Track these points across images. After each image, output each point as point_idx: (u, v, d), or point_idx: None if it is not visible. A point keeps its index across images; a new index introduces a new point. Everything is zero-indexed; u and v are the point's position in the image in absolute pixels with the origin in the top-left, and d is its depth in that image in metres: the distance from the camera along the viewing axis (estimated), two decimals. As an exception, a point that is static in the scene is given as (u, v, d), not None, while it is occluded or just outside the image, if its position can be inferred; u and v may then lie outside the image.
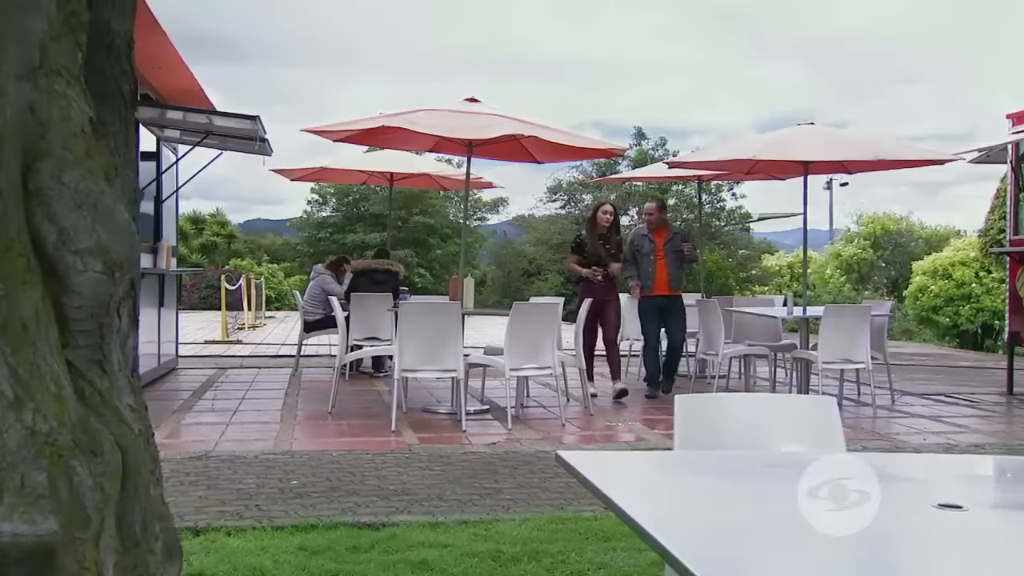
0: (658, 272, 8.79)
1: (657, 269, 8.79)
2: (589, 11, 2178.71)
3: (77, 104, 1.52)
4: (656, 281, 8.79)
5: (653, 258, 8.81)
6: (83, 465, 1.40)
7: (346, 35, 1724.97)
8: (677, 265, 8.86)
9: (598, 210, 8.98)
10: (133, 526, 1.52)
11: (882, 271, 25.83)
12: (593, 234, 8.82)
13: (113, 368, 1.57)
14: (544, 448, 6.30)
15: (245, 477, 5.30)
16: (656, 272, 8.79)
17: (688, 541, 1.57)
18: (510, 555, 3.99)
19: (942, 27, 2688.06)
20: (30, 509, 1.31)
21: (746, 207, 29.88)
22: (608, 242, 8.81)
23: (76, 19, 1.53)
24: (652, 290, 8.81)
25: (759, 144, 8.46)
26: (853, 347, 7.97)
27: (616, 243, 8.87)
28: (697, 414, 2.61)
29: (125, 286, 1.56)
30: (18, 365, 1.35)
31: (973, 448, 6.65)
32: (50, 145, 1.47)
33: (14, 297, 1.38)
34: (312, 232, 33.75)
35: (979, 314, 17.74)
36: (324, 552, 4.00)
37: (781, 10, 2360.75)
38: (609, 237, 8.84)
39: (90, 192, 1.49)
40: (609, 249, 8.75)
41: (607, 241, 8.80)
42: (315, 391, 8.94)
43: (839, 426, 2.56)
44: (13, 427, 1.33)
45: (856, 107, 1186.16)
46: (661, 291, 8.79)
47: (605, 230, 8.79)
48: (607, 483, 1.83)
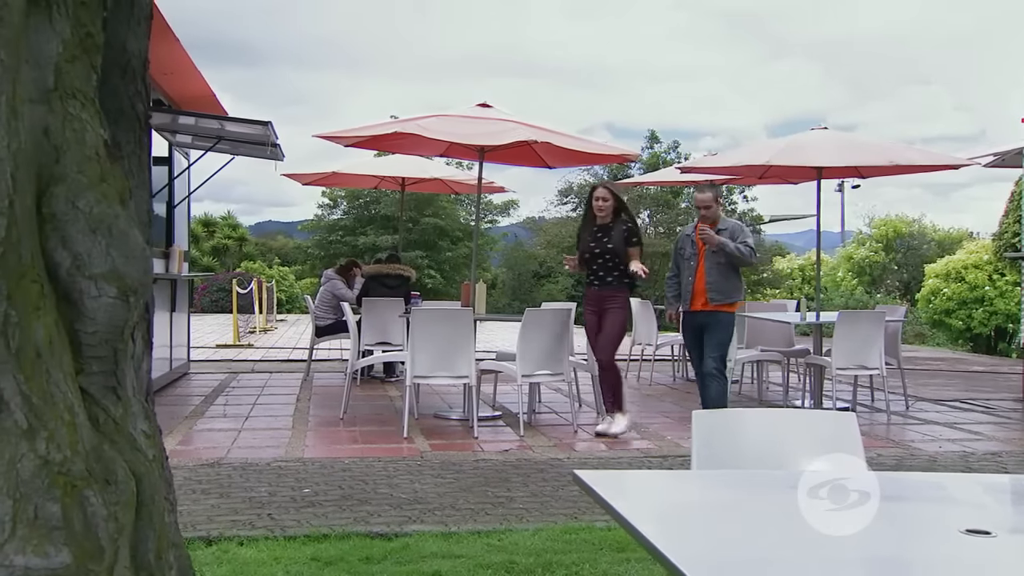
0: (697, 281, 7.11)
1: (696, 279, 7.11)
2: (601, 14, 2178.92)
3: (92, 127, 1.50)
4: (694, 293, 7.13)
5: (694, 264, 7.15)
6: (97, 495, 1.38)
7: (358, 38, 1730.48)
8: (721, 272, 7.03)
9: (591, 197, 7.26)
10: (147, 555, 1.50)
11: (894, 274, 25.71)
12: (587, 225, 7.24)
13: (127, 394, 1.55)
14: (557, 455, 6.27)
15: (257, 485, 5.29)
16: (695, 282, 7.12)
17: (706, 566, 1.54)
18: (523, 566, 3.96)
19: (954, 29, 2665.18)
20: (43, 541, 1.29)
21: (758, 210, 29.77)
22: (608, 233, 7.01)
23: (91, 41, 1.51)
24: (690, 304, 7.17)
25: (773, 149, 8.42)
26: (867, 353, 7.91)
27: (623, 233, 6.99)
28: (715, 430, 2.58)
29: (139, 310, 1.54)
30: (31, 393, 1.33)
31: (990, 456, 6.59)
32: (64, 169, 1.45)
33: (28, 323, 1.36)
34: (323, 235, 33.78)
35: (992, 317, 17.63)
36: (337, 563, 3.98)
37: (793, 12, 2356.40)
38: (611, 227, 7.02)
39: (104, 216, 1.47)
40: (606, 242, 6.99)
41: (606, 233, 7.02)
42: (327, 396, 8.93)
43: (860, 443, 2.52)
44: (26, 456, 1.31)
45: (867, 109, 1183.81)
46: (696, 305, 7.12)
47: (604, 219, 7.07)
48: (628, 508, 1.80)
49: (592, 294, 7.12)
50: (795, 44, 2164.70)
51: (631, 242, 6.97)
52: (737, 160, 9.00)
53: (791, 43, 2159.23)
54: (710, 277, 7.02)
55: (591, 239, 7.09)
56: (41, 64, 1.44)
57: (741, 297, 7.18)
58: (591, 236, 7.11)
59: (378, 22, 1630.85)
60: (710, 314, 7.05)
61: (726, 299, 7.03)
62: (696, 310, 7.12)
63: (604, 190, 7.18)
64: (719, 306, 7.03)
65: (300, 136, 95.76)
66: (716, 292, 7.01)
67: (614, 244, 6.96)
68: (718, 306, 7.03)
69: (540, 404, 8.32)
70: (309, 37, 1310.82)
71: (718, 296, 7.01)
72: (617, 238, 6.97)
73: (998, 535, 1.70)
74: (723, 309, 7.05)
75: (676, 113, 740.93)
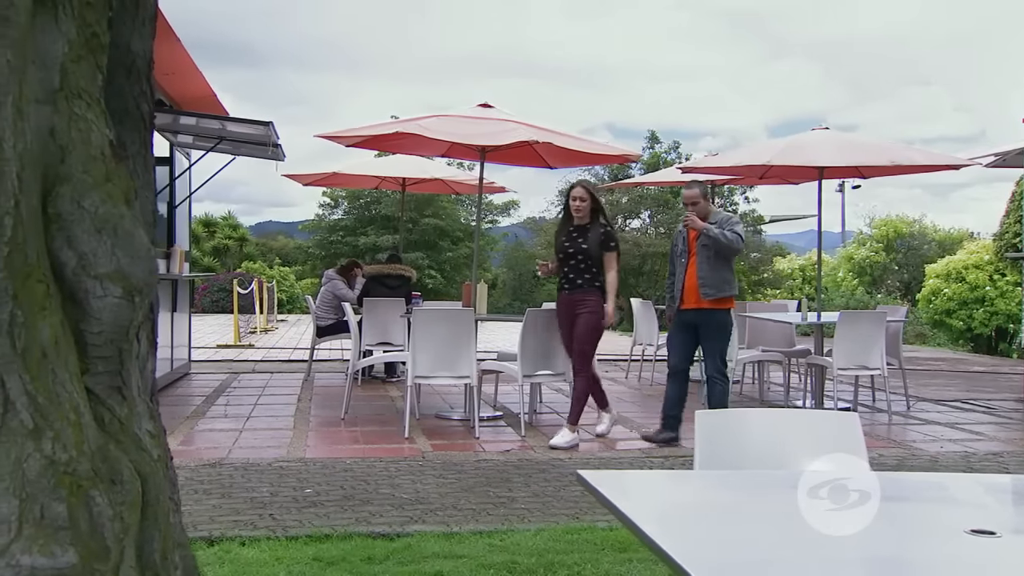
0: (688, 278, 6.83)
1: (688, 274, 6.84)
2: (602, 14, 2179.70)
3: (97, 127, 1.50)
4: (685, 290, 6.84)
5: (685, 260, 6.89)
6: (103, 495, 1.38)
7: (358, 38, 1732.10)
8: (711, 265, 6.72)
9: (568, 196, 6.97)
10: (153, 555, 1.50)
11: (895, 274, 25.70)
12: (563, 225, 7.03)
13: (132, 394, 1.55)
14: (558, 456, 6.27)
15: (259, 485, 5.29)
16: (686, 279, 6.84)
17: (711, 566, 1.54)
18: (525, 567, 3.96)
19: (954, 30, 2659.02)
20: (49, 541, 1.29)
21: (758, 211, 29.75)
22: (584, 234, 6.78)
23: (96, 41, 1.51)
24: (681, 302, 6.89)
25: (774, 149, 8.42)
26: (868, 353, 7.91)
27: (599, 236, 6.75)
28: (718, 430, 2.58)
29: (144, 310, 1.55)
30: (37, 393, 1.33)
31: (991, 456, 6.59)
32: (70, 169, 1.45)
33: (33, 323, 1.36)
34: (324, 235, 33.77)
35: (993, 318, 17.63)
36: (339, 563, 3.98)
37: (793, 12, 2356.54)
38: (587, 228, 6.79)
39: (110, 216, 1.47)
40: (581, 243, 6.75)
41: (582, 234, 6.78)
42: (328, 396, 8.94)
43: (863, 443, 2.52)
44: (32, 456, 1.31)
45: (867, 109, 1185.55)
46: (689, 303, 6.81)
47: (581, 219, 6.81)
48: (633, 508, 1.80)
49: (563, 299, 6.86)
50: (795, 44, 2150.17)
51: (608, 246, 6.74)
52: (738, 160, 9.00)
53: (791, 43, 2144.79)
54: (701, 271, 6.71)
55: (566, 239, 6.87)
56: (47, 64, 1.45)
57: (734, 292, 6.88)
58: (566, 236, 6.88)
59: (378, 23, 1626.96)
60: (703, 313, 6.73)
61: (718, 292, 6.71)
62: (688, 308, 6.81)
63: (582, 189, 6.86)
64: (712, 302, 6.70)
65: (300, 136, 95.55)
66: (707, 286, 6.69)
67: (589, 245, 6.71)
68: (711, 302, 6.70)
69: (541, 404, 8.32)
70: (309, 38, 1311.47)
71: (710, 290, 6.69)
72: (593, 240, 6.72)
73: (1003, 535, 1.70)
74: (716, 307, 6.74)
75: (676, 113, 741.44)
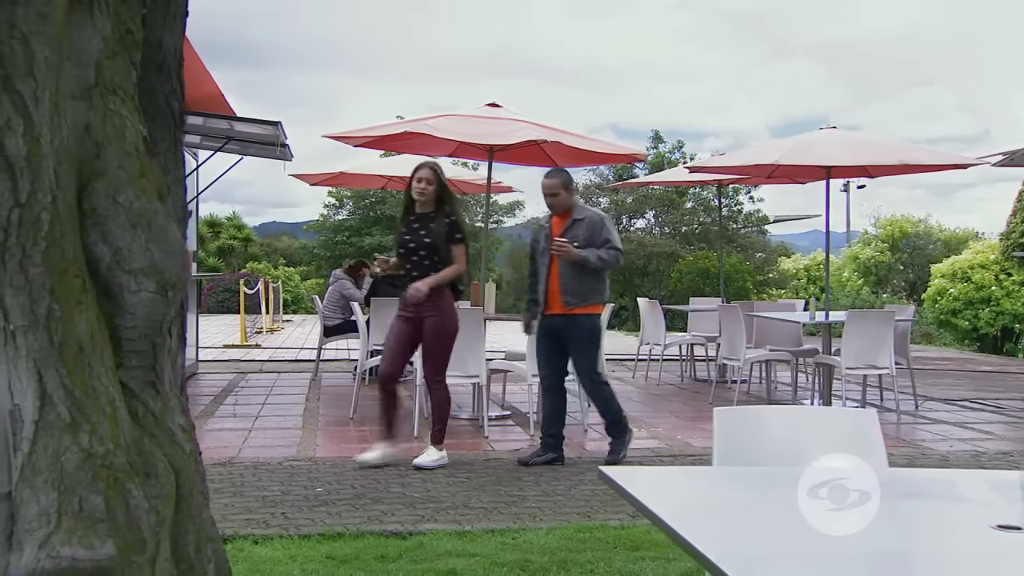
0: (551, 281, 5.97)
1: (550, 278, 5.97)
2: (603, 15, 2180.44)
3: (131, 123, 1.51)
4: (549, 293, 5.99)
5: (547, 261, 5.99)
6: (139, 488, 1.39)
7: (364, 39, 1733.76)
8: (575, 271, 5.89)
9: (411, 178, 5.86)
10: (187, 548, 1.51)
11: (900, 274, 25.68)
12: (405, 213, 5.98)
13: (165, 388, 1.56)
14: (568, 454, 6.27)
15: (270, 484, 5.30)
16: (549, 282, 5.98)
17: (738, 561, 1.55)
18: (538, 565, 3.97)
19: (956, 31, 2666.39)
20: (88, 533, 1.30)
21: (763, 210, 29.72)
22: (426, 224, 5.79)
23: (131, 37, 1.52)
24: (546, 307, 6.03)
25: (781, 149, 8.42)
26: (876, 352, 7.90)
27: (444, 227, 5.76)
28: (736, 427, 2.59)
29: (176, 305, 1.56)
30: (74, 387, 1.35)
31: (1001, 455, 6.58)
32: (105, 164, 1.46)
33: (70, 318, 1.37)
34: (329, 235, 33.81)
35: (999, 317, 17.61)
36: (352, 561, 3.99)
37: (795, 14, 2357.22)
38: (431, 217, 5.79)
39: (144, 211, 1.48)
40: (423, 235, 5.78)
41: (424, 224, 5.80)
42: (336, 396, 8.94)
43: (881, 441, 2.53)
44: (70, 450, 1.32)
45: (870, 110, 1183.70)
46: (554, 308, 5.98)
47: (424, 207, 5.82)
48: (658, 504, 1.81)
49: (408, 299, 5.84)
50: (797, 45, 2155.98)
51: (453, 238, 5.76)
52: (746, 159, 9.00)
53: (793, 44, 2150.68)
54: (564, 278, 5.91)
55: (406, 230, 5.87)
56: (83, 61, 1.46)
57: (603, 298, 6.11)
58: (406, 227, 5.88)
59: (382, 24, 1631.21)
60: (568, 319, 5.94)
61: (582, 302, 5.92)
62: (552, 314, 5.99)
63: (428, 170, 5.80)
64: (575, 309, 5.92)
65: (305, 137, 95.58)
66: (570, 295, 5.90)
67: (432, 238, 5.74)
68: (574, 308, 5.92)
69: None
70: (313, 39, 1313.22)
71: (573, 299, 5.90)
72: (437, 232, 5.74)
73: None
74: (583, 312, 5.96)
75: (679, 114, 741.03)
